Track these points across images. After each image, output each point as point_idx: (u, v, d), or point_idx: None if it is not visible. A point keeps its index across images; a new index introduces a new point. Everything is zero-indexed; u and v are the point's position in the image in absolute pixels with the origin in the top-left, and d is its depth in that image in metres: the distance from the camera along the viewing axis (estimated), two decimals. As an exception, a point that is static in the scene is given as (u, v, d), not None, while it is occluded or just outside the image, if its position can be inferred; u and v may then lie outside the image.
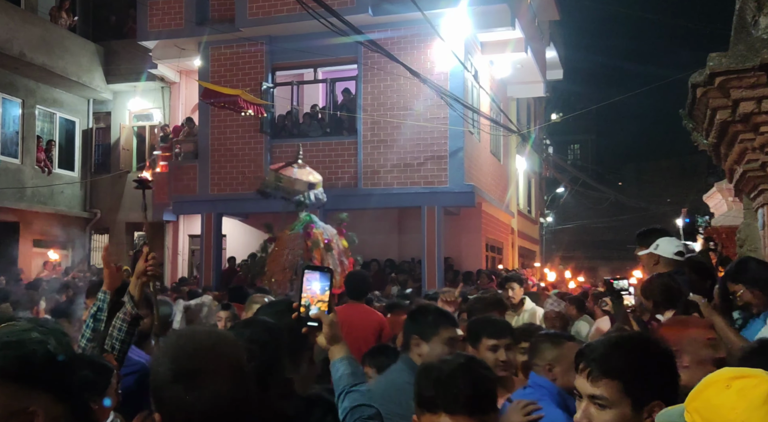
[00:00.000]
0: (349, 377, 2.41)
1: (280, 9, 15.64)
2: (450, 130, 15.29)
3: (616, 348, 1.99)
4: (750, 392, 1.44)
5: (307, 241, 10.52)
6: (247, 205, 16.72)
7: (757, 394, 1.44)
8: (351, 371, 2.44)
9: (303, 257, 10.38)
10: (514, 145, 22.60)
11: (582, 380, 1.97)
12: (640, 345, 2.03)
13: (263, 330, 2.28)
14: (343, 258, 10.85)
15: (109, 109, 20.43)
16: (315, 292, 2.50)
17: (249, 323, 2.46)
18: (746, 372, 1.51)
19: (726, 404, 1.46)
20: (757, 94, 4.37)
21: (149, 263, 3.40)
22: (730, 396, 1.46)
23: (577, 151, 50.80)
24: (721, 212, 15.89)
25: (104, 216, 19.97)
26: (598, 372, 1.94)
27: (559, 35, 26.35)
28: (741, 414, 1.42)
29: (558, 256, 32.10)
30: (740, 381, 1.47)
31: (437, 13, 14.22)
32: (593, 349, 2.01)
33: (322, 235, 10.70)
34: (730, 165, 5.30)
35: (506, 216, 21.30)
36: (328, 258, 10.54)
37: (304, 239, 10.57)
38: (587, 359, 1.98)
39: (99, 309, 3.40)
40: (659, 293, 4.31)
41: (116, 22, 20.55)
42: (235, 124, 16.63)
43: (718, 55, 4.45)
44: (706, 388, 1.53)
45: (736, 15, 5.29)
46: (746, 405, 1.43)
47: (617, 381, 1.92)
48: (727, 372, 1.53)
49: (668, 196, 37.97)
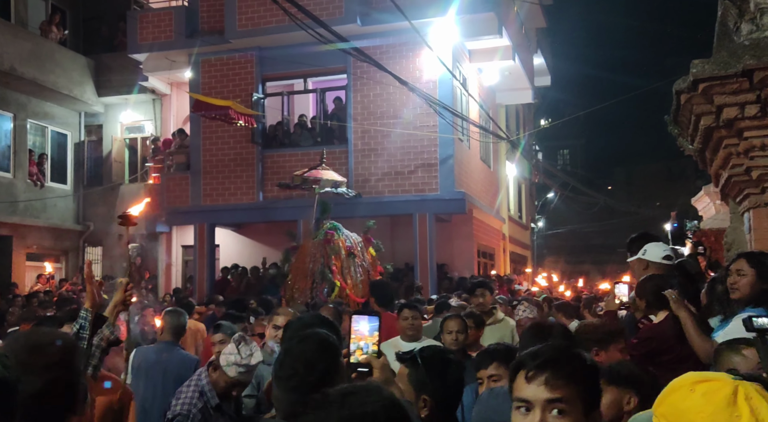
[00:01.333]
0: None
1: (269, 20, 15.75)
2: (440, 138, 15.43)
3: (566, 354, 1.95)
4: (713, 395, 1.48)
5: (326, 248, 10.49)
6: (240, 215, 16.82)
7: (720, 397, 1.47)
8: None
9: (323, 264, 10.36)
10: (504, 152, 22.76)
11: (535, 387, 1.87)
12: (579, 353, 2.00)
13: (314, 349, 2.23)
14: (367, 266, 10.75)
15: (100, 121, 20.46)
16: (364, 334, 2.46)
17: (303, 339, 2.33)
18: (710, 375, 1.56)
19: (691, 407, 1.49)
20: (740, 100, 4.46)
21: (128, 293, 3.57)
22: (695, 400, 1.50)
23: (566, 156, 51.07)
24: (710, 215, 16.05)
25: (97, 228, 19.97)
26: (557, 376, 1.88)
27: (546, 42, 26.60)
28: (706, 417, 1.46)
29: (550, 261, 32.29)
30: (704, 385, 1.51)
31: (425, 22, 14.38)
32: (540, 355, 1.93)
33: (344, 243, 10.63)
34: (716, 170, 5.37)
35: (497, 222, 21.44)
36: (350, 265, 10.49)
37: (325, 246, 10.54)
38: (539, 365, 1.90)
39: (81, 327, 3.40)
40: (651, 294, 4.39)
41: (107, 35, 20.62)
42: (227, 135, 16.72)
43: (701, 61, 4.54)
44: (671, 393, 1.56)
45: (718, 22, 5.33)
46: (711, 408, 1.46)
47: (574, 385, 1.87)
48: (691, 377, 1.57)
49: (657, 200, 38.21)
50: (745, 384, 1.49)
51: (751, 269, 3.93)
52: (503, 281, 17.35)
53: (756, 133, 4.50)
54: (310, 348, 2.21)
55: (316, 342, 2.26)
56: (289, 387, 2.09)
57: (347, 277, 10.38)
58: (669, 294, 4.13)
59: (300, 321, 3.24)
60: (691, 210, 20.85)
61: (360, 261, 10.68)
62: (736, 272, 4.00)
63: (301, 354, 2.17)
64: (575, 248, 38.60)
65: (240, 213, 16.69)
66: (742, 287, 3.94)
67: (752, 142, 4.53)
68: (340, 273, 10.33)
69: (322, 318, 2.90)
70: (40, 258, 18.71)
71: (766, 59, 4.27)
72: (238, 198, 16.66)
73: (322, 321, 3.16)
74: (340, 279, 10.25)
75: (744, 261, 4.02)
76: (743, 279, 3.95)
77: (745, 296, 3.92)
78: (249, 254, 17.59)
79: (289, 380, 2.10)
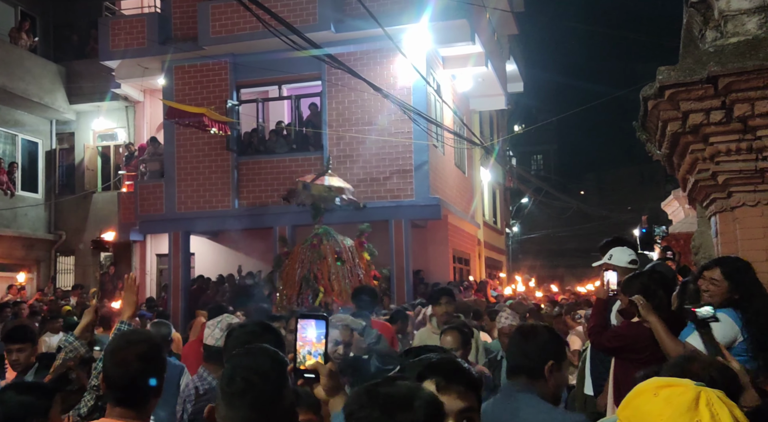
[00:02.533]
0: None
1: (243, 27, 15.73)
2: (414, 144, 15.51)
3: (462, 365, 2.13)
4: (676, 399, 1.51)
5: (313, 253, 10.39)
6: (215, 223, 16.74)
7: (682, 401, 1.50)
8: None
9: (309, 270, 10.25)
10: (478, 157, 22.92)
11: (448, 397, 1.97)
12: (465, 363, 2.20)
13: (265, 360, 2.04)
14: (358, 271, 10.53)
15: (72, 129, 20.27)
16: (311, 340, 2.31)
17: (250, 352, 2.14)
18: (673, 381, 1.59)
19: (654, 411, 1.52)
20: (705, 106, 4.52)
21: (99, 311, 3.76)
22: (657, 404, 1.52)
23: (540, 161, 51.49)
24: (679, 219, 16.31)
25: (69, 237, 19.77)
26: (468, 387, 2.01)
27: (518, 49, 26.87)
28: (667, 419, 1.49)
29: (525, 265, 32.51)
30: (667, 390, 1.54)
31: (399, 29, 14.48)
32: (446, 366, 2.07)
33: (332, 248, 10.47)
34: (683, 175, 5.45)
35: (472, 227, 21.57)
36: (338, 271, 10.32)
37: (312, 252, 10.44)
38: (449, 376, 2.01)
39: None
40: (637, 291, 4.41)
41: (78, 42, 20.46)
42: (201, 142, 16.66)
43: (667, 68, 4.60)
44: (636, 397, 1.59)
45: (683, 29, 5.45)
46: (672, 411, 1.49)
47: (474, 394, 2.04)
48: (656, 382, 1.60)
49: (629, 204, 38.66)
50: (707, 390, 1.53)
51: (725, 281, 3.95)
52: (479, 286, 17.49)
53: (721, 139, 4.56)
54: (261, 359, 2.02)
55: (264, 352, 2.09)
56: (244, 404, 1.90)
57: (334, 283, 10.21)
58: (637, 300, 4.17)
59: (242, 328, 3.09)
60: (662, 214, 21.18)
61: (351, 266, 10.47)
62: (709, 280, 4.01)
63: (252, 366, 1.98)
64: (550, 252, 38.92)
65: (215, 220, 16.61)
66: (714, 296, 3.96)
67: (717, 147, 4.59)
68: (327, 279, 10.20)
69: (265, 325, 2.79)
70: (11, 268, 18.46)
71: (730, 66, 4.32)
72: (213, 205, 16.60)
73: (264, 329, 3.03)
74: (326, 285, 10.12)
75: (718, 269, 4.02)
76: (716, 289, 3.97)
77: (716, 304, 3.94)
78: (225, 262, 17.54)
79: (243, 396, 1.90)
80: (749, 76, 4.29)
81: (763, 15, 4.71)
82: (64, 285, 18.67)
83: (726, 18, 4.78)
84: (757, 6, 4.72)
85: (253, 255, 17.01)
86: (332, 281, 10.20)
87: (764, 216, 4.65)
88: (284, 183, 15.73)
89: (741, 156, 4.58)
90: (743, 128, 4.48)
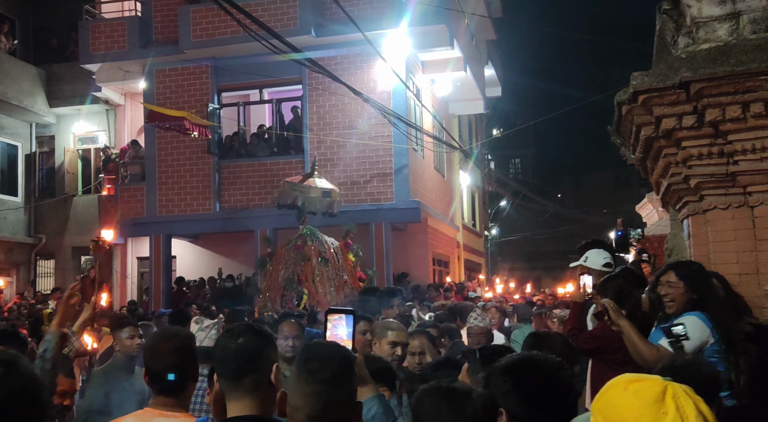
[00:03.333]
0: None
1: (224, 31, 15.75)
2: (394, 148, 15.66)
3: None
4: (643, 392, 1.60)
5: (296, 255, 10.27)
6: (197, 226, 16.76)
7: (649, 394, 1.59)
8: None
9: (292, 272, 10.15)
10: (457, 161, 23.12)
11: None
12: None
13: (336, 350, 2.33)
14: (343, 272, 10.43)
15: (52, 132, 20.16)
16: (341, 337, 2.50)
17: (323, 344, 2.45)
18: (643, 376, 1.69)
19: (623, 404, 1.60)
20: (677, 111, 4.59)
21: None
22: (627, 397, 1.61)
23: (518, 165, 51.82)
24: (653, 221, 16.58)
25: (49, 241, 19.64)
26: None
27: (496, 54, 27.12)
28: (634, 411, 1.57)
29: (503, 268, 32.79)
30: (636, 384, 1.63)
31: (379, 34, 14.61)
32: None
33: (316, 249, 10.36)
34: (656, 178, 5.52)
35: (452, 230, 21.75)
36: (323, 272, 10.19)
37: (295, 253, 10.32)
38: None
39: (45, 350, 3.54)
40: (612, 293, 4.50)
41: (58, 45, 20.35)
42: (182, 145, 16.67)
43: (641, 74, 4.68)
44: (607, 391, 1.67)
45: (657, 35, 5.49)
46: (639, 403, 1.58)
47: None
48: (626, 377, 1.70)
49: (605, 207, 39.06)
50: (674, 384, 1.61)
51: (680, 281, 4.05)
52: (457, 288, 17.66)
53: (693, 143, 4.64)
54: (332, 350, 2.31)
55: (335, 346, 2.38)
56: (317, 380, 2.18)
57: (318, 285, 10.11)
58: (608, 304, 4.24)
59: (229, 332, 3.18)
60: (637, 216, 21.51)
61: (336, 267, 10.39)
62: (666, 284, 4.11)
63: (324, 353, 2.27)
64: (527, 254, 39.27)
65: (196, 223, 16.64)
66: (674, 298, 4.07)
67: (690, 152, 4.67)
68: (310, 281, 10.09)
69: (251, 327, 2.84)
70: (-10, 272, 18.35)
71: (701, 72, 4.40)
72: (195, 208, 16.62)
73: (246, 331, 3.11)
74: (310, 287, 10.02)
75: (672, 272, 4.12)
76: (674, 291, 4.06)
77: (679, 307, 4.04)
78: (206, 265, 17.55)
79: (316, 373, 2.19)
80: (720, 81, 4.37)
81: (733, 22, 4.78)
82: (44, 288, 18.55)
83: (698, 24, 4.86)
84: (728, 13, 4.80)
85: (234, 259, 17.05)
86: (316, 283, 10.11)
87: (735, 219, 4.69)
88: (265, 186, 15.83)
89: (712, 160, 4.64)
90: (714, 133, 4.55)
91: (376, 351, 4.20)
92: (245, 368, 2.25)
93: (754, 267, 4.61)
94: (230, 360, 2.27)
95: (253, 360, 2.27)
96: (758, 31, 4.71)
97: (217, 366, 2.31)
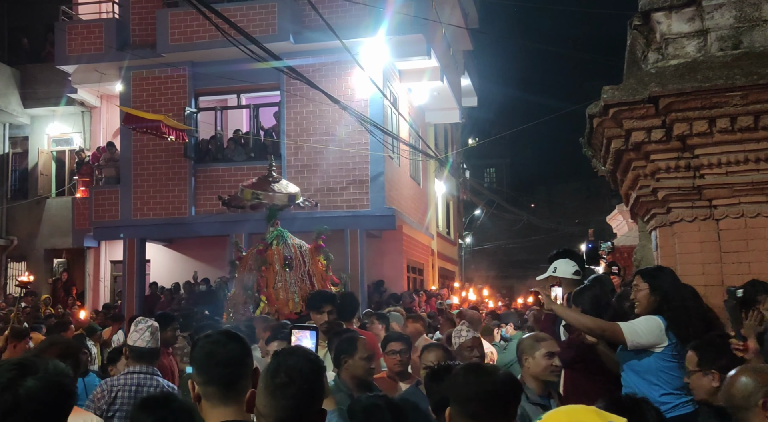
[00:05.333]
0: None
1: (202, 35, 15.73)
2: (371, 155, 15.75)
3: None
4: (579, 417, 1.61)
5: (258, 259, 9.84)
6: (171, 230, 16.69)
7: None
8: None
9: (254, 277, 9.71)
10: (433, 169, 23.27)
11: None
12: None
13: (307, 362, 2.26)
14: (304, 276, 9.82)
15: (26, 133, 19.95)
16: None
17: (295, 352, 2.37)
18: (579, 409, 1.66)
19: None
20: (647, 125, 4.71)
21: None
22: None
23: (492, 174, 52.09)
24: (623, 232, 16.83)
25: (21, 243, 19.43)
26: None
27: (472, 64, 27.37)
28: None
29: (477, 276, 33.00)
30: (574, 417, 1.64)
31: (356, 42, 14.71)
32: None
33: (280, 254, 9.84)
34: (626, 190, 5.64)
35: (426, 238, 21.88)
36: (287, 276, 9.67)
37: (257, 257, 9.90)
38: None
39: None
40: (588, 302, 4.63)
41: (33, 46, 20.18)
42: (158, 149, 16.60)
43: (611, 87, 4.78)
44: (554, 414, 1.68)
45: (627, 50, 5.59)
46: None
47: None
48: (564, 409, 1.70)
49: (576, 217, 39.42)
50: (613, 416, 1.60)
51: (645, 284, 4.24)
52: (430, 296, 17.78)
53: (661, 156, 4.77)
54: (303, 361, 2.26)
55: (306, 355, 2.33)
56: (285, 395, 2.16)
57: (280, 291, 9.61)
58: (541, 290, 4.46)
59: (207, 338, 2.88)
60: (607, 227, 21.81)
61: (302, 271, 9.83)
62: (634, 287, 4.31)
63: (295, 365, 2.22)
64: (501, 263, 39.52)
65: (171, 227, 16.57)
66: (640, 301, 4.24)
67: (658, 165, 4.80)
68: (270, 287, 9.62)
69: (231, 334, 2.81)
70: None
71: (670, 87, 4.53)
72: (170, 212, 16.54)
73: (229, 338, 2.91)
74: (269, 293, 9.57)
75: (639, 277, 4.32)
76: (639, 293, 4.25)
77: (644, 309, 4.22)
78: (181, 269, 17.46)
79: (285, 388, 2.17)
80: (688, 97, 4.50)
81: (702, 39, 4.92)
82: (15, 291, 18.35)
83: (667, 41, 4.99)
84: (696, 30, 4.94)
85: (210, 263, 17.00)
86: (278, 289, 9.61)
87: (701, 232, 4.81)
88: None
89: (680, 173, 4.77)
90: (682, 146, 4.68)
91: (531, 366, 3.99)
92: (236, 374, 2.26)
93: (719, 278, 4.72)
94: (220, 367, 2.26)
95: (241, 366, 2.28)
96: (725, 49, 4.84)
97: (204, 374, 2.27)
